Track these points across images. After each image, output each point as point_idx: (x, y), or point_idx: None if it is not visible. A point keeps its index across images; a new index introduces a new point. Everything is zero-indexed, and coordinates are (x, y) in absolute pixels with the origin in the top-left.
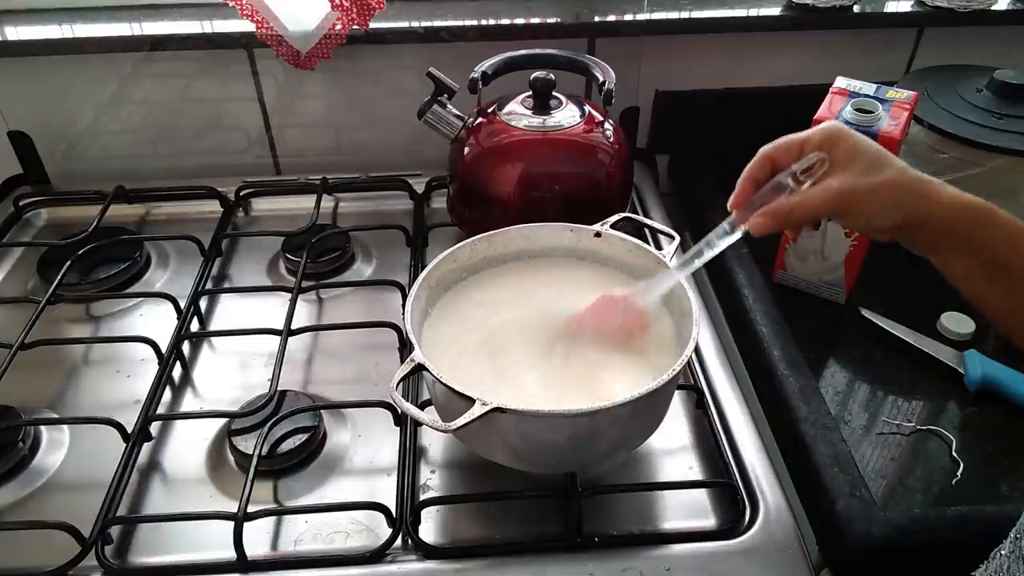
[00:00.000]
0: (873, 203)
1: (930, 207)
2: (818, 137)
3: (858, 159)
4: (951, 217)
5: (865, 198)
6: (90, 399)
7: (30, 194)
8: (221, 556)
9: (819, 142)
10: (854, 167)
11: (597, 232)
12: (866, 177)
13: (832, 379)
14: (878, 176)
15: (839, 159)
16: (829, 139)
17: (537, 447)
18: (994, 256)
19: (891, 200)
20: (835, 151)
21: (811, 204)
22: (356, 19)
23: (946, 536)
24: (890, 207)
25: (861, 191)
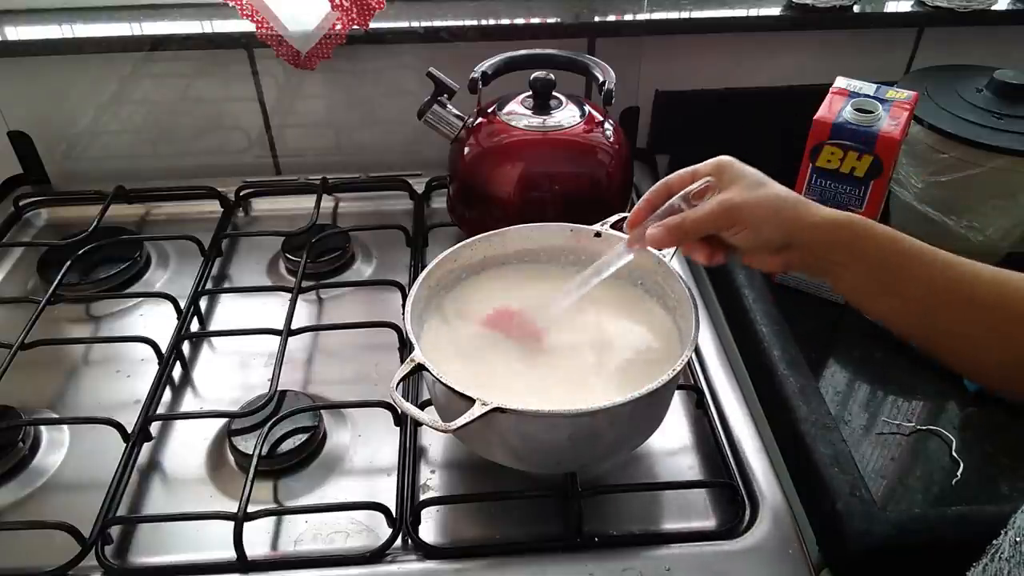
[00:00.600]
0: (755, 215)
1: (809, 218)
2: (708, 167)
3: (742, 179)
4: (830, 228)
5: (747, 210)
6: (90, 399)
7: (30, 194)
8: (221, 556)
9: (709, 170)
10: (738, 185)
11: (597, 232)
12: (749, 191)
13: (832, 379)
14: (759, 191)
15: (726, 181)
16: (718, 167)
17: (537, 447)
18: (876, 262)
19: (771, 212)
20: (723, 176)
21: (700, 215)
22: (356, 19)
23: (946, 536)
24: (771, 218)
25: (743, 203)
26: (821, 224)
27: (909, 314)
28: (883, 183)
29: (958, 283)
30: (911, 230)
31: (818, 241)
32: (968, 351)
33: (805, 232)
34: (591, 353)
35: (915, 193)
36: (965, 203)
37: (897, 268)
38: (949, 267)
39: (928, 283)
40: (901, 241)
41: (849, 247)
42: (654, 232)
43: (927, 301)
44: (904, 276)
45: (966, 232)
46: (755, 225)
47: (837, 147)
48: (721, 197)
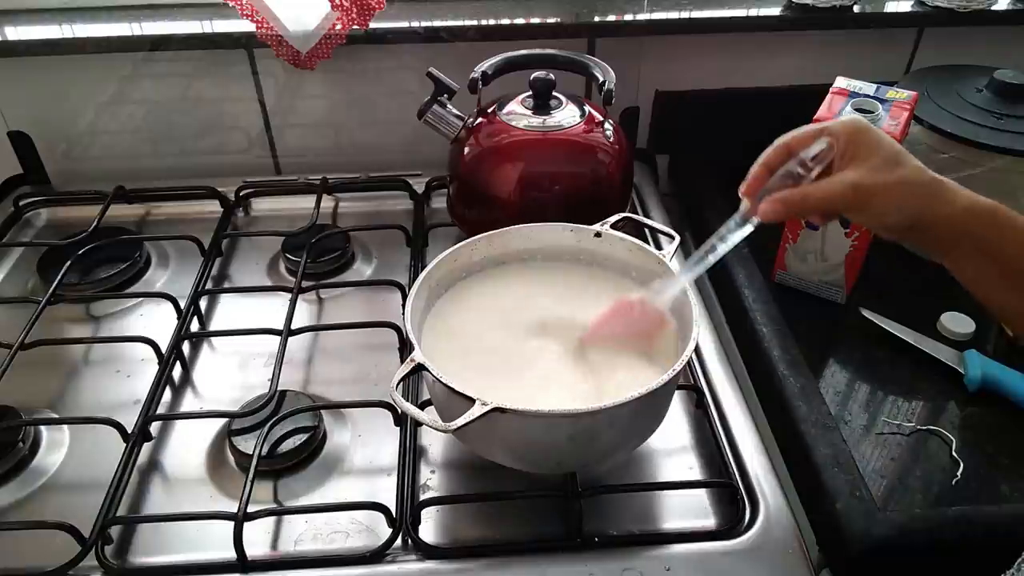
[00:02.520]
0: (887, 200)
1: (942, 208)
2: (837, 128)
3: (876, 154)
4: (963, 219)
5: (880, 194)
6: (90, 399)
7: (30, 194)
8: (221, 556)
9: (838, 132)
10: (871, 162)
11: (597, 232)
12: (882, 173)
13: (832, 379)
14: (894, 173)
15: (858, 153)
16: (851, 132)
17: (537, 447)
18: (1007, 258)
19: (904, 198)
20: (853, 144)
21: (824, 193)
22: (356, 19)
23: (946, 536)
24: (903, 205)
25: (876, 186)
26: (954, 211)
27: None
28: None
29: None
30: None
31: (948, 228)
32: None
33: (937, 223)
34: (591, 353)
35: None
36: None
37: (1018, 260)
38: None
39: None
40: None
41: (980, 241)
42: (768, 208)
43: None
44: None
45: None
46: (882, 211)
47: None
48: (852, 176)
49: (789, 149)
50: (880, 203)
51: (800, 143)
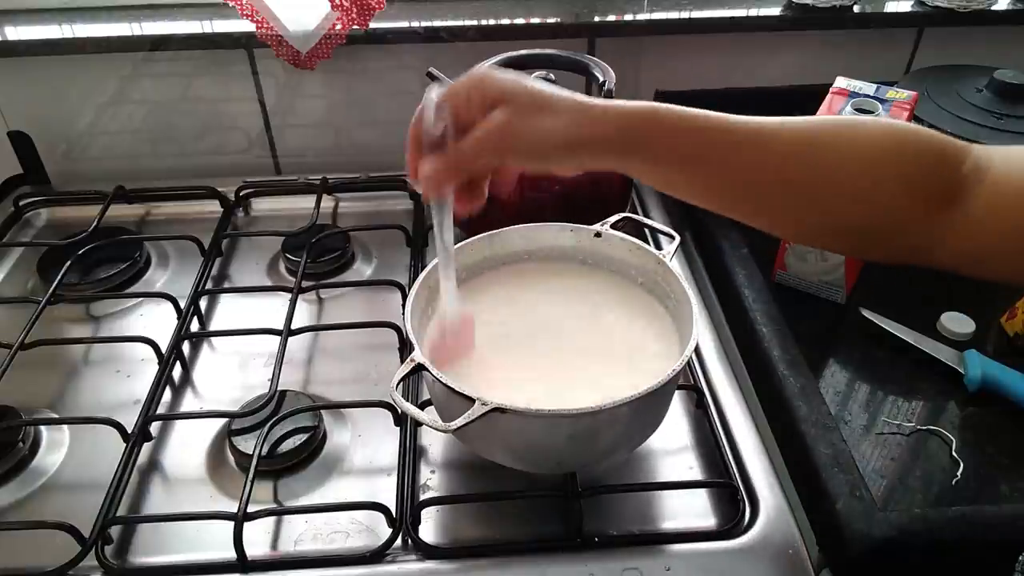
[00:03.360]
0: (536, 130)
1: (595, 125)
2: (463, 87)
3: (511, 96)
4: (620, 127)
5: (528, 126)
6: (90, 399)
7: (30, 194)
8: (221, 556)
9: (466, 91)
10: (512, 103)
11: (597, 232)
12: (525, 109)
13: (832, 379)
14: (536, 104)
15: (494, 99)
16: (469, 85)
17: (537, 447)
18: (675, 154)
19: (553, 125)
20: (483, 95)
21: (474, 142)
22: (356, 19)
23: (946, 536)
24: (553, 128)
25: (522, 120)
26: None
27: (717, 191)
28: None
29: (764, 157)
30: None
31: (603, 142)
32: (786, 221)
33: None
34: (591, 353)
35: None
36: None
37: (692, 149)
38: (752, 141)
39: (726, 159)
40: (691, 119)
41: (641, 141)
42: (427, 179)
43: (731, 176)
44: (701, 156)
45: None
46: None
47: None
48: (496, 118)
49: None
50: (531, 133)
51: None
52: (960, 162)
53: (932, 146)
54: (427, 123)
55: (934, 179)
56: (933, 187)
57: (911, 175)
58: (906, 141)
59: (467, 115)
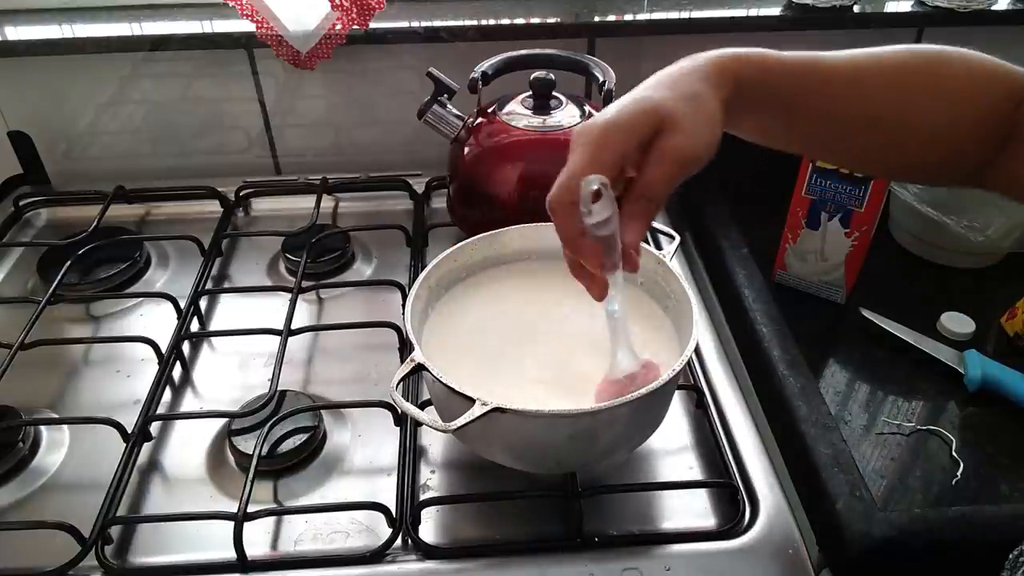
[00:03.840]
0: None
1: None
2: (578, 157)
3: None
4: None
5: (691, 141)
6: (90, 399)
7: (30, 194)
8: (221, 556)
9: (585, 161)
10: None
11: None
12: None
13: (832, 379)
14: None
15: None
16: (588, 142)
17: (537, 447)
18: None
19: (703, 125)
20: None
21: (662, 178)
22: (356, 19)
23: (946, 536)
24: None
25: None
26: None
27: (819, 138)
28: (883, 183)
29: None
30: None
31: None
32: (867, 159)
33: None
34: (591, 353)
35: (915, 193)
36: (965, 203)
37: (790, 102)
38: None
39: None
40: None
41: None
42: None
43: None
44: (801, 109)
45: (966, 232)
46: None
47: None
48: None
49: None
50: (697, 145)
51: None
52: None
53: (1004, 85)
54: (593, 218)
55: (1003, 119)
56: (1001, 126)
57: (984, 118)
58: (987, 81)
59: (621, 172)
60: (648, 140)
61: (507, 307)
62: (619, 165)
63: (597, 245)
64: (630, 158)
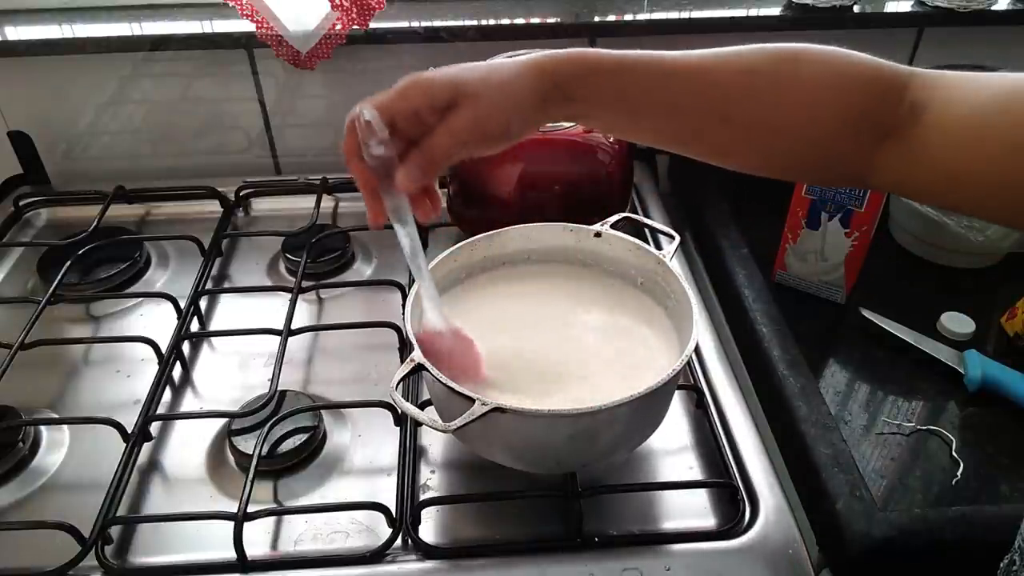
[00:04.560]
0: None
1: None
2: (384, 94)
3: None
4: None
5: (479, 124)
6: (90, 399)
7: (30, 194)
8: (221, 556)
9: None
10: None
11: (597, 232)
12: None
13: (832, 379)
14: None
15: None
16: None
17: (537, 447)
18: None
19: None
20: (434, 96)
21: (446, 138)
22: (356, 19)
23: (946, 536)
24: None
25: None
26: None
27: (667, 132)
28: None
29: (703, 94)
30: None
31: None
32: (731, 157)
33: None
34: (591, 353)
35: None
36: None
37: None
38: (690, 77)
39: (674, 104)
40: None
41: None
42: (404, 174)
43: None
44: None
45: (966, 232)
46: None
47: None
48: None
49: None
50: (500, 116)
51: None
52: (899, 99)
53: (872, 83)
54: (369, 146)
55: (872, 116)
56: (871, 124)
57: (849, 115)
58: (846, 77)
59: (416, 122)
60: (444, 107)
61: (506, 307)
62: (411, 116)
63: (366, 168)
64: (424, 116)
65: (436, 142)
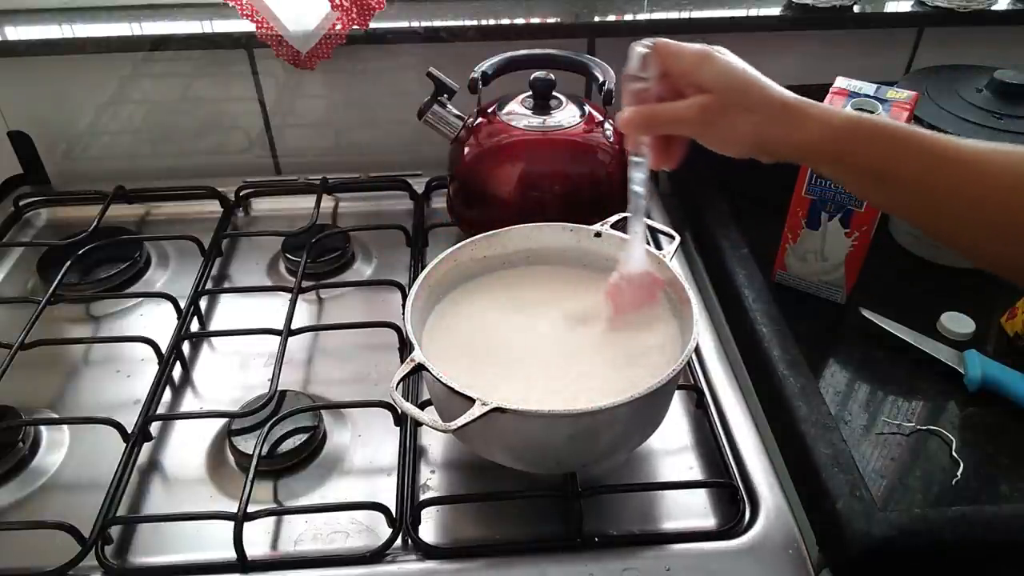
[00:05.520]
0: (732, 123)
1: (795, 134)
2: (689, 53)
3: (724, 79)
4: (820, 143)
5: (726, 116)
6: (90, 399)
7: (30, 194)
8: (221, 556)
9: (688, 56)
10: (720, 86)
11: (597, 232)
12: (731, 97)
13: (832, 379)
14: (743, 97)
15: (706, 78)
16: (699, 56)
17: (537, 447)
18: (875, 168)
19: (751, 123)
20: (704, 70)
21: (671, 110)
22: (356, 19)
23: (946, 536)
24: (749, 127)
25: (722, 108)
26: (810, 142)
27: (912, 206)
28: None
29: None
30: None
31: (805, 156)
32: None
33: (791, 149)
34: (591, 353)
35: None
36: None
37: (895, 165)
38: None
39: (927, 177)
40: (903, 138)
41: (841, 155)
42: (624, 118)
43: (929, 193)
44: (904, 173)
45: None
46: (730, 131)
47: None
48: (700, 100)
49: None
50: (726, 126)
51: None
52: None
53: None
54: (630, 68)
55: None
56: None
57: None
58: None
59: (677, 81)
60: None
61: (507, 307)
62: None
63: (630, 95)
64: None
65: (662, 109)
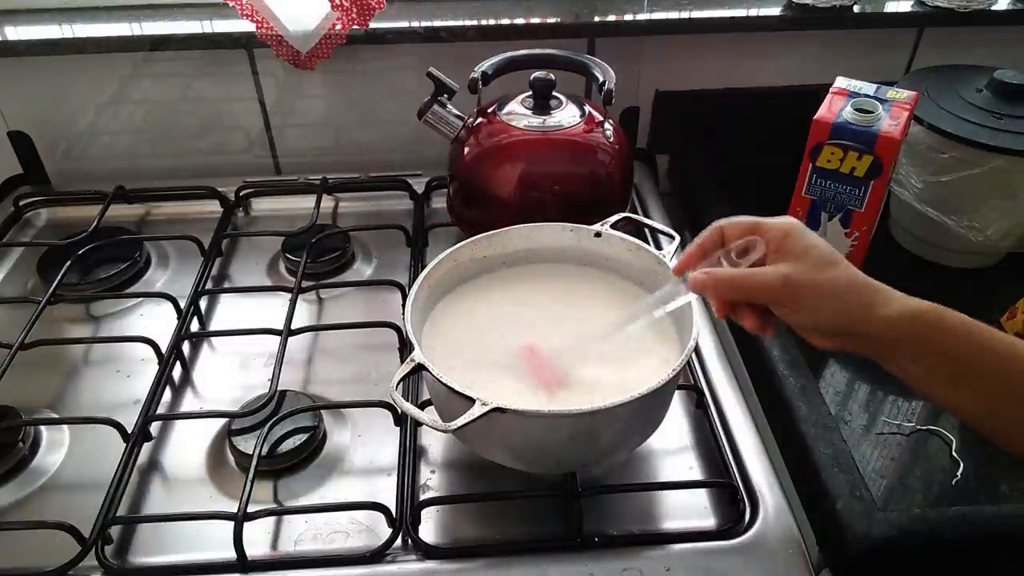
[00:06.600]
0: (817, 298)
1: (877, 314)
2: (771, 225)
3: (809, 254)
4: (898, 326)
5: (810, 291)
6: (90, 399)
7: (30, 194)
8: (221, 556)
9: (770, 230)
10: (804, 261)
11: (597, 232)
12: (814, 272)
13: (832, 379)
14: (826, 273)
15: (791, 251)
16: (782, 230)
17: (537, 447)
18: (949, 357)
19: (836, 300)
20: (787, 242)
21: (753, 279)
22: (356, 19)
23: (946, 536)
24: (834, 307)
25: (807, 283)
26: (889, 320)
27: (978, 406)
28: (883, 183)
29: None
30: (911, 230)
31: (882, 335)
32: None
33: (872, 326)
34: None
35: (915, 193)
36: (965, 203)
37: (970, 362)
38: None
39: (1003, 378)
40: (977, 333)
41: (920, 342)
42: (699, 277)
43: (1000, 395)
44: (977, 370)
45: (966, 232)
46: (814, 309)
47: (837, 147)
48: (784, 270)
49: (723, 234)
50: (810, 301)
51: (733, 231)
52: None
53: None
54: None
55: None
56: None
57: None
58: None
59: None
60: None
61: (507, 307)
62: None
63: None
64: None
65: (740, 279)
